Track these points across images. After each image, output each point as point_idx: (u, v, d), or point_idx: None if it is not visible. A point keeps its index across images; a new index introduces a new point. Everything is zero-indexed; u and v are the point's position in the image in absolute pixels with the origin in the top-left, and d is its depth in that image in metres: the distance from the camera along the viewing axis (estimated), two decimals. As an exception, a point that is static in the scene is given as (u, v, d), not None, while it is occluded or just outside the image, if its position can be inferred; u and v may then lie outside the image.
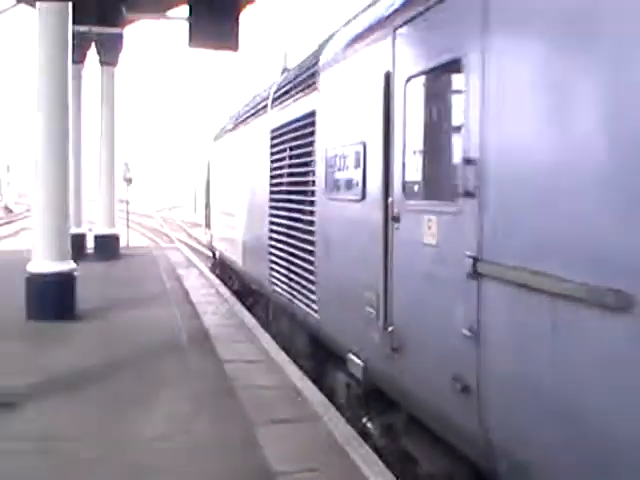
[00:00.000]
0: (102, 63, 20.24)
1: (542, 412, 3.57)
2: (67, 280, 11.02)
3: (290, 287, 9.08)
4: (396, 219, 5.40)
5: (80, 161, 20.06)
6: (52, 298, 10.79)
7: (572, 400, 3.34)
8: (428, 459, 5.35)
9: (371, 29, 6.19)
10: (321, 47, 8.36)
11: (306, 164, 8.44)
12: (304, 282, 8.30)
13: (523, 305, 3.73)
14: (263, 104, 11.37)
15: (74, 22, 11.57)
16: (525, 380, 3.72)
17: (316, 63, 8.16)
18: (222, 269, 17.93)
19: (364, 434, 6.23)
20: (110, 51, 20.10)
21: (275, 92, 10.51)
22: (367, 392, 6.46)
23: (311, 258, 7.96)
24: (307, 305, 8.20)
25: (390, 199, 5.49)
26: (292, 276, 8.93)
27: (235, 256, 14.26)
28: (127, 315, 11.40)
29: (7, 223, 51.06)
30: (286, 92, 9.74)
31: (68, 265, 11.12)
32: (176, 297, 13.33)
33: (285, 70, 10.95)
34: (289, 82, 9.70)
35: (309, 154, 8.28)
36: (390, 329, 5.50)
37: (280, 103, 10.06)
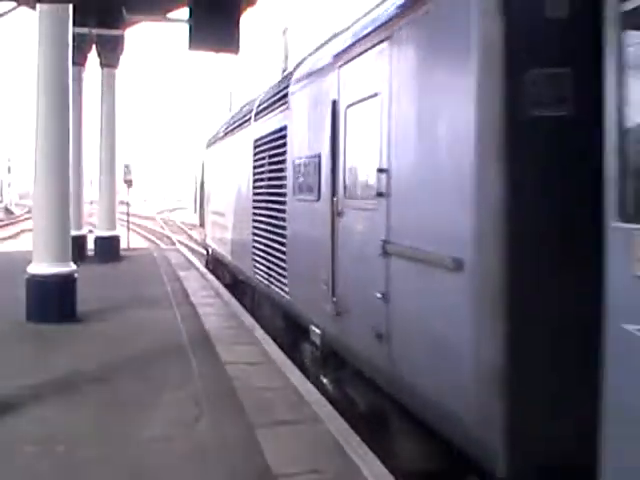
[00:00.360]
0: (102, 65, 20.24)
1: (423, 344, 5.14)
2: (67, 282, 11.02)
3: (268, 275, 10.55)
4: (340, 214, 7.00)
5: (81, 163, 20.05)
6: (52, 300, 10.79)
7: (437, 333, 4.93)
8: (363, 399, 6.86)
9: (323, 66, 7.87)
10: (291, 72, 9.95)
11: (280, 170, 9.90)
12: (278, 269, 9.83)
13: (412, 273, 5.34)
14: (248, 117, 13.04)
15: (74, 24, 11.58)
16: (414, 325, 5.33)
17: (287, 86, 9.73)
18: (214, 264, 19.26)
19: (323, 390, 7.57)
20: (110, 53, 20.09)
21: (257, 107, 12.08)
22: (324, 355, 7.86)
23: (283, 249, 9.53)
24: (281, 288, 9.69)
25: (335, 199, 7.09)
26: (270, 265, 10.44)
27: (225, 251, 15.81)
28: (128, 317, 11.40)
29: (7, 225, 51.09)
30: (265, 108, 11.28)
31: (68, 267, 11.12)
32: (177, 299, 13.33)
33: (285, 71, 12.28)
34: (267, 99, 11.25)
35: (282, 162, 9.76)
36: (334, 299, 7.05)
37: (261, 117, 11.61)
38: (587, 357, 3.81)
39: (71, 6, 11.08)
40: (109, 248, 20.46)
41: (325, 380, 7.88)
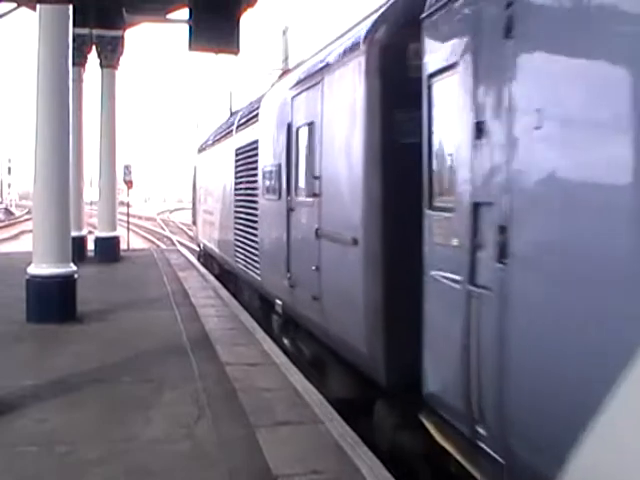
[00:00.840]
0: (103, 66, 20.24)
1: (339, 300, 7.28)
2: (68, 283, 11.03)
3: (246, 262, 12.85)
4: (291, 209, 9.22)
5: (81, 164, 20.07)
6: (53, 300, 10.80)
7: (346, 290, 6.96)
8: (309, 349, 8.84)
9: (282, 95, 10.12)
10: (262, 96, 12.44)
11: (254, 175, 12.11)
12: (253, 257, 12.13)
13: (332, 249, 7.42)
14: (230, 129, 15.53)
15: (74, 25, 11.59)
16: (333, 286, 7.44)
17: (258, 107, 12.23)
18: (205, 258, 21.54)
19: (284, 348, 9.63)
20: (110, 54, 20.09)
21: (238, 121, 14.58)
22: (284, 321, 10.09)
23: (256, 239, 11.78)
24: (255, 272, 11.93)
25: (289, 198, 9.33)
26: (247, 254, 12.76)
27: (214, 245, 18.14)
28: (128, 317, 11.41)
29: (8, 226, 51.13)
30: (243, 123, 13.77)
31: (69, 268, 11.13)
32: (177, 299, 13.33)
33: (282, 73, 14.33)
34: (245, 116, 13.78)
35: (255, 168, 12.00)
36: (289, 275, 9.15)
37: (240, 130, 14.03)
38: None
39: (71, 7, 11.08)
40: (109, 249, 20.47)
41: (285, 340, 10.02)
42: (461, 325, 4.78)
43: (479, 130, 4.59)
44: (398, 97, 6.22)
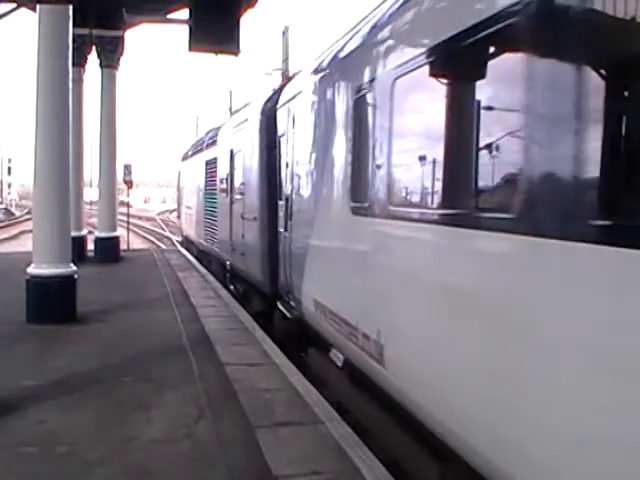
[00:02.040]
0: (102, 66, 20.24)
1: (251, 253, 13.07)
2: (68, 283, 11.03)
3: (211, 240, 19.53)
4: (232, 202, 15.14)
5: (81, 164, 20.07)
6: (53, 301, 10.81)
7: (253, 246, 12.88)
8: (242, 288, 14.81)
9: (228, 130, 16.35)
10: (219, 127, 19.59)
11: (215, 180, 18.60)
12: (214, 235, 18.82)
13: (247, 224, 13.25)
14: (202, 145, 22.58)
15: (74, 25, 11.57)
16: (249, 246, 13.20)
17: (217, 134, 18.81)
18: (187, 243, 28.75)
19: (231, 292, 15.44)
20: (110, 54, 20.08)
21: (207, 140, 21.34)
22: (231, 274, 16.30)
23: (216, 224, 18.31)
24: (216, 246, 18.57)
25: (231, 195, 15.30)
26: (211, 234, 19.51)
27: (192, 232, 25.44)
28: (128, 318, 11.42)
29: (8, 226, 51.12)
30: (209, 144, 20.42)
31: (69, 268, 11.12)
32: (177, 300, 13.35)
33: (283, 73, 22.76)
34: (210, 139, 20.35)
35: (215, 176, 18.51)
36: (231, 243, 14.96)
37: (207, 147, 20.77)
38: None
39: (71, 7, 11.08)
40: (109, 249, 20.48)
41: (231, 286, 16.31)
42: (283, 250, 10.61)
43: (285, 165, 10.72)
44: (270, 142, 12.14)
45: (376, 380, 6.33)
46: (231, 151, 15.46)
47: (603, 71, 3.36)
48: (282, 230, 10.55)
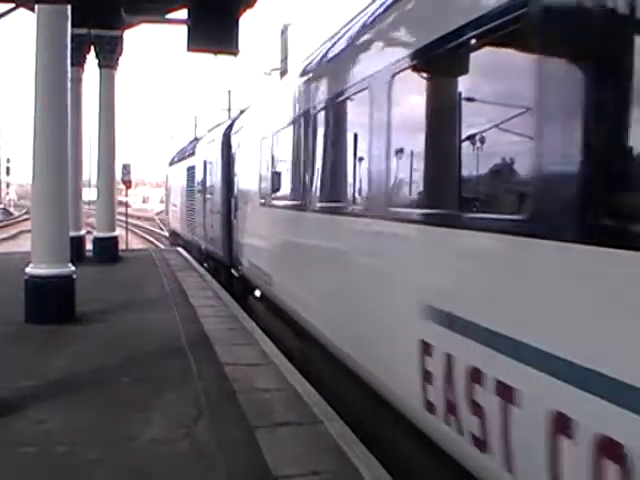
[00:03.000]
0: (101, 66, 20.23)
1: (216, 236, 18.85)
2: (66, 283, 11.02)
3: (192, 232, 24.70)
4: (205, 201, 21.17)
5: (80, 163, 20.06)
6: (51, 301, 10.79)
7: (218, 232, 18.39)
8: (213, 265, 20.33)
9: (202, 145, 23.39)
10: (198, 140, 27.28)
11: (194, 183, 24.01)
12: (194, 227, 24.12)
13: (215, 217, 18.92)
14: (184, 154, 29.18)
15: (73, 25, 11.56)
16: (216, 232, 18.75)
17: (195, 146, 25.47)
18: (173, 236, 34.56)
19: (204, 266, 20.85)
20: (109, 54, 20.08)
21: (189, 150, 27.18)
22: (205, 255, 22.02)
23: (194, 217, 23.86)
24: (195, 236, 23.73)
25: (205, 195, 21.20)
26: (191, 227, 24.85)
27: (177, 226, 31.92)
28: (127, 318, 11.41)
29: (6, 226, 51.11)
30: (189, 154, 26.41)
31: (67, 268, 11.11)
32: (175, 300, 13.35)
33: (282, 73, 27.14)
34: (191, 148, 26.36)
35: (194, 179, 23.98)
36: (204, 232, 21.27)
37: (188, 156, 26.66)
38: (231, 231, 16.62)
39: (69, 7, 11.07)
40: (108, 249, 20.45)
41: (205, 264, 20.95)
42: (234, 233, 16.00)
43: (234, 174, 16.21)
44: (227, 157, 17.19)
45: (269, 295, 11.88)
46: (204, 161, 21.50)
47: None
48: (233, 219, 16.24)
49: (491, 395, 4.10)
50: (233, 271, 16.48)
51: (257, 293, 13.35)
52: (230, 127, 17.71)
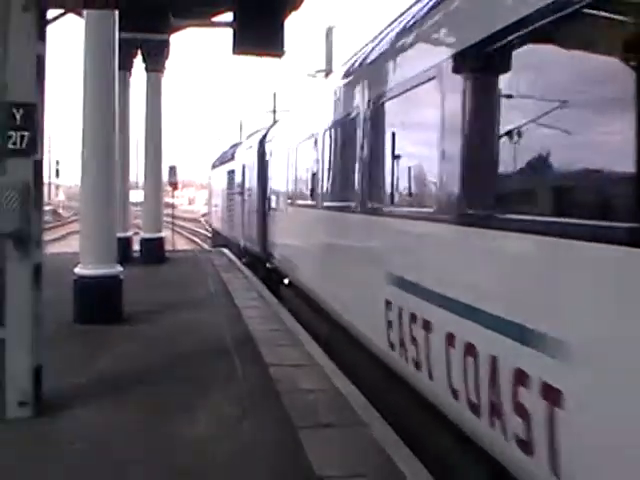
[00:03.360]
0: (148, 69, 20.46)
1: (251, 230, 21.28)
2: (114, 283, 11.16)
3: (231, 229, 27.69)
4: (244, 201, 23.27)
5: (127, 166, 20.30)
6: (99, 301, 10.95)
7: (253, 226, 20.86)
8: (250, 259, 22.17)
9: (242, 151, 26.03)
10: (237, 146, 30.51)
11: (233, 184, 26.98)
12: (234, 226, 26.64)
13: (252, 215, 20.95)
14: (225, 158, 32.68)
15: (121, 29, 11.72)
16: (254, 230, 20.49)
17: (235, 151, 28.61)
18: (215, 235, 37.17)
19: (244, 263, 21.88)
20: (156, 58, 20.29)
21: (229, 155, 30.70)
22: (243, 251, 23.49)
23: (233, 217, 26.81)
24: (235, 233, 26.08)
25: (244, 196, 23.41)
26: (231, 225, 27.76)
27: (219, 225, 34.96)
28: (173, 318, 11.53)
29: (55, 227, 51.94)
30: (229, 158, 29.83)
31: (114, 268, 11.26)
32: (220, 300, 13.44)
33: (327, 73, 28.98)
34: (231, 154, 29.81)
35: (234, 182, 26.88)
36: (242, 229, 23.50)
37: (228, 161, 30.15)
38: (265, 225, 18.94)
39: (117, 12, 11.21)
40: (154, 250, 20.66)
41: (243, 259, 22.33)
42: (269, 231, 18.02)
43: (268, 178, 18.38)
44: (263, 162, 19.35)
45: (293, 280, 14.33)
46: (243, 165, 24.11)
47: None
48: (267, 218, 18.23)
49: (422, 330, 6.04)
50: (267, 264, 18.56)
51: (286, 281, 15.60)
52: (264, 136, 20.20)
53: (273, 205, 17.05)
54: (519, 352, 4.26)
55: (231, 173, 27.60)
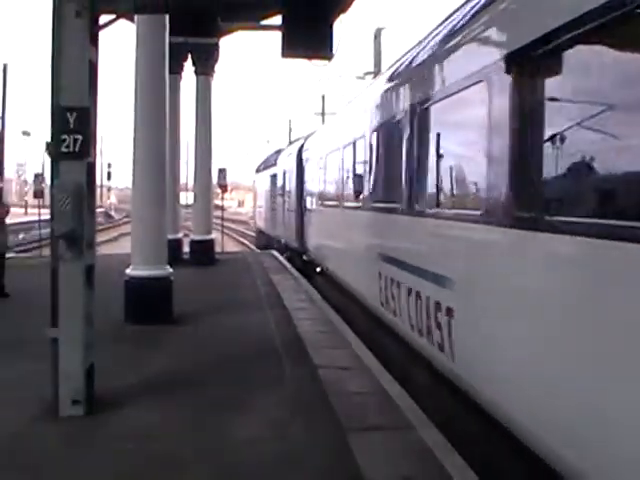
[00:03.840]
0: (198, 73, 20.66)
1: (288, 230, 24.88)
2: (164, 284, 11.31)
3: (274, 228, 30.44)
4: (284, 201, 26.37)
5: (178, 168, 20.53)
6: (150, 302, 11.10)
7: (291, 224, 23.63)
8: (290, 254, 24.34)
9: (284, 157, 28.69)
10: (279, 152, 33.09)
11: (276, 187, 30.00)
12: (275, 225, 29.89)
13: (291, 214, 23.84)
14: (268, 163, 36.26)
15: (171, 33, 11.86)
16: (293, 226, 23.06)
17: (277, 158, 31.76)
18: (258, 233, 40.38)
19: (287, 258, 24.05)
20: (206, 61, 20.49)
21: (272, 160, 34.12)
22: (285, 247, 25.93)
23: (276, 216, 29.47)
24: (277, 231, 29.07)
25: (284, 197, 26.40)
26: (273, 225, 30.75)
27: (262, 224, 37.49)
28: (222, 319, 11.62)
29: (107, 228, 52.73)
30: (272, 164, 33.22)
31: (165, 270, 11.40)
32: (270, 302, 13.49)
33: (375, 75, 30.08)
34: (273, 159, 33.31)
35: (276, 185, 29.94)
36: (283, 227, 26.52)
37: (271, 166, 33.60)
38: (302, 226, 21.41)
39: (167, 16, 11.35)
40: (204, 251, 20.89)
41: (284, 254, 24.60)
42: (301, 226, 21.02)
43: (305, 181, 20.88)
44: (301, 167, 21.53)
45: (323, 267, 16.90)
46: (284, 170, 27.11)
47: None
48: (303, 217, 20.59)
49: (397, 289, 8.68)
50: (304, 256, 21.29)
51: (318, 269, 18.20)
52: (302, 145, 22.80)
53: (308, 204, 19.78)
54: (437, 290, 6.92)
55: (273, 177, 31.49)
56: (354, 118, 12.72)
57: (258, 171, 42.89)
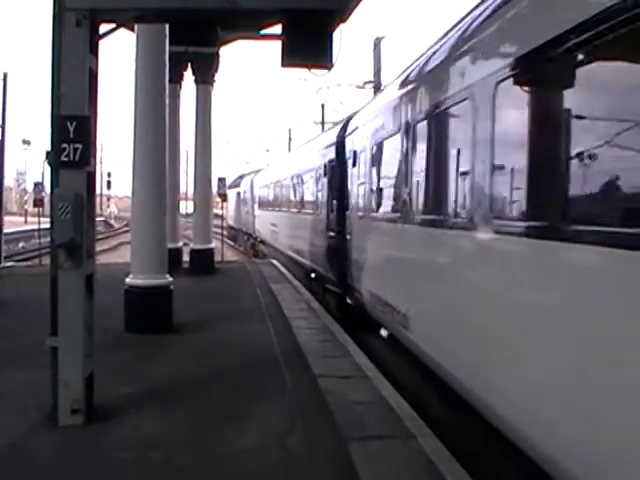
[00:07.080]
0: (198, 82, 20.69)
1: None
2: (164, 293, 11.28)
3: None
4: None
5: (177, 177, 20.52)
6: (149, 311, 11.06)
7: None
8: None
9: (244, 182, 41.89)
10: (242, 176, 47.67)
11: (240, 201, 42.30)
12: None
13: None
14: (233, 184, 49.08)
15: (171, 42, 11.87)
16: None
17: (240, 183, 45.13)
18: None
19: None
20: (206, 70, 20.52)
21: (236, 182, 48.71)
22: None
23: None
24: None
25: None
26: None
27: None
28: (222, 329, 11.59)
29: (107, 237, 52.72)
30: (236, 184, 48.35)
31: (165, 279, 11.38)
32: (270, 311, 13.46)
33: (377, 86, 29.14)
34: (237, 182, 48.82)
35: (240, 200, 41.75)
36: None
37: (236, 186, 47.67)
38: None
39: (167, 25, 11.37)
40: (204, 261, 20.84)
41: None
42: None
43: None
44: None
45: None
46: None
47: None
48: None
49: None
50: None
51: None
52: (252, 179, 26.73)
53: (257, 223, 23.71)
54: None
55: (237, 194, 40.23)
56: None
57: (257, 177, 46.92)
